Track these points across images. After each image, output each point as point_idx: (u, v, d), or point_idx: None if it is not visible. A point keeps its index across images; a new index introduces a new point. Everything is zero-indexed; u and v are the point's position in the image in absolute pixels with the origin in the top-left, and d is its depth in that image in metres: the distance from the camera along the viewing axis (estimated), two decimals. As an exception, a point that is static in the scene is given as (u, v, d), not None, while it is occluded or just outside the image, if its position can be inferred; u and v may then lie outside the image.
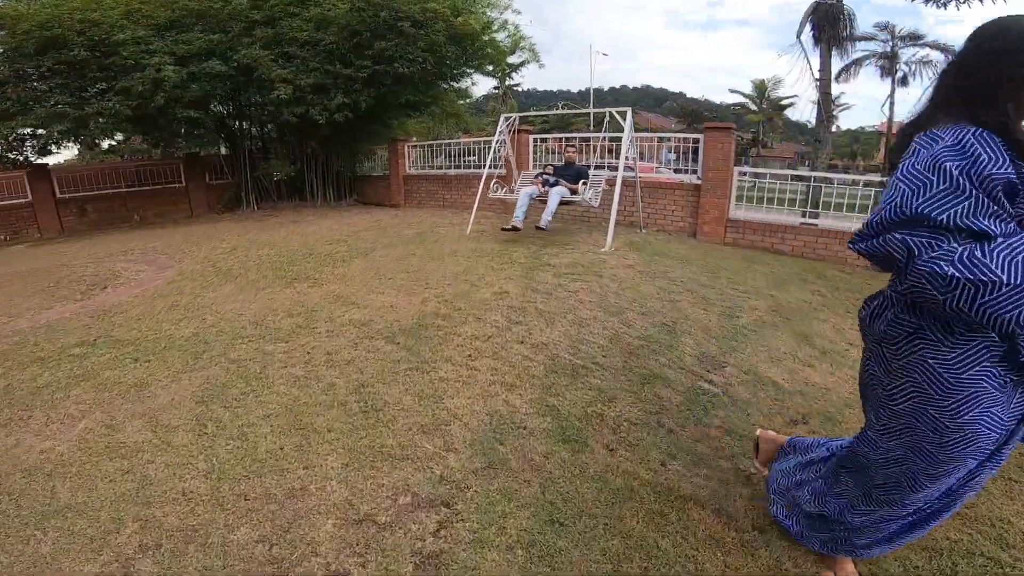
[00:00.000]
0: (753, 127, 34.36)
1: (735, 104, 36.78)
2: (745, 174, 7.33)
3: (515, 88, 38.93)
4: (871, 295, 1.49)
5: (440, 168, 10.87)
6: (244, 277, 5.42)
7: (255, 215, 11.39)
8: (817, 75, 9.26)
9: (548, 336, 3.52)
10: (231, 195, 12.45)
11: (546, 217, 6.40)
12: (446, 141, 10.93)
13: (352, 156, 12.85)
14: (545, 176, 7.02)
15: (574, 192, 6.65)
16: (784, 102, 35.63)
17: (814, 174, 7.97)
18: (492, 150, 7.42)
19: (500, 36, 12.56)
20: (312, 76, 9.77)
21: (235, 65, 9.56)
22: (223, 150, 13.09)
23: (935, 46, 20.77)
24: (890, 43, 21.51)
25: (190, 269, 6.10)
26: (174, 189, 12.42)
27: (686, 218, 7.64)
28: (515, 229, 6.48)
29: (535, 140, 9.17)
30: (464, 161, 10.64)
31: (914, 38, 21.06)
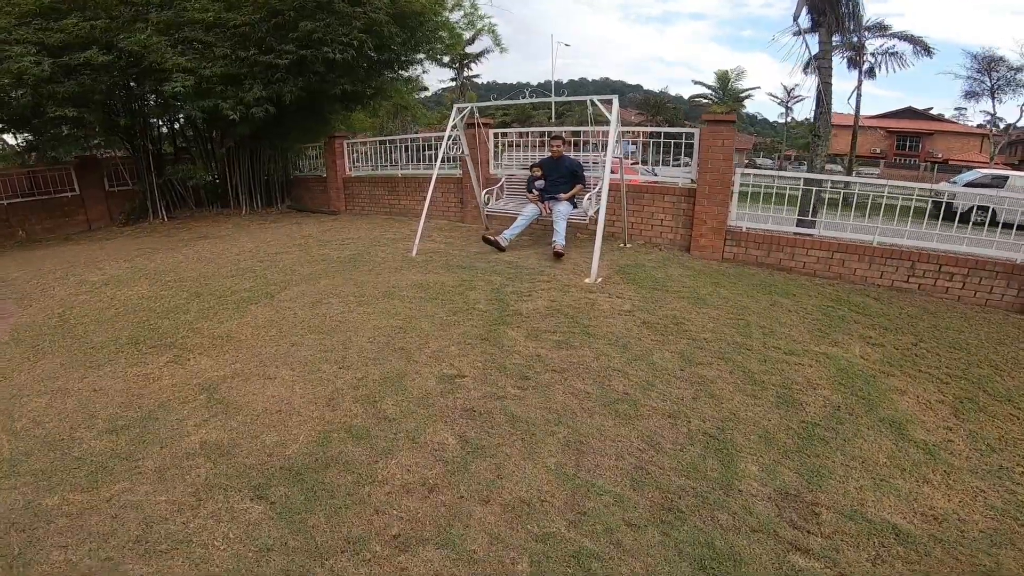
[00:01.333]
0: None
1: (698, 96, 36.05)
2: (749, 175, 6.10)
3: (474, 79, 37.20)
4: None
5: (386, 169, 9.30)
6: (87, 340, 3.81)
7: (162, 228, 9.54)
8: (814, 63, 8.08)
9: (531, 483, 2.13)
10: (135, 204, 10.53)
11: (559, 241, 5.55)
12: (392, 137, 9.33)
13: (284, 156, 11.10)
14: (534, 178, 5.85)
15: (575, 204, 5.72)
16: (743, 95, 35.23)
17: (831, 177, 6.83)
18: (444, 146, 5.96)
19: (455, 17, 11.03)
20: (220, 64, 8.04)
21: (120, 54, 7.74)
22: (123, 151, 11.10)
23: (903, 37, 20.31)
24: (856, 34, 20.99)
25: (29, 322, 4.42)
26: (67, 199, 10.38)
27: (678, 229, 6.37)
28: (498, 247, 5.55)
29: (496, 135, 7.74)
30: (417, 160, 9.11)
31: (881, 28, 20.55)
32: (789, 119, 40.96)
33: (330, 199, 10.14)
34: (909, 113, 38.78)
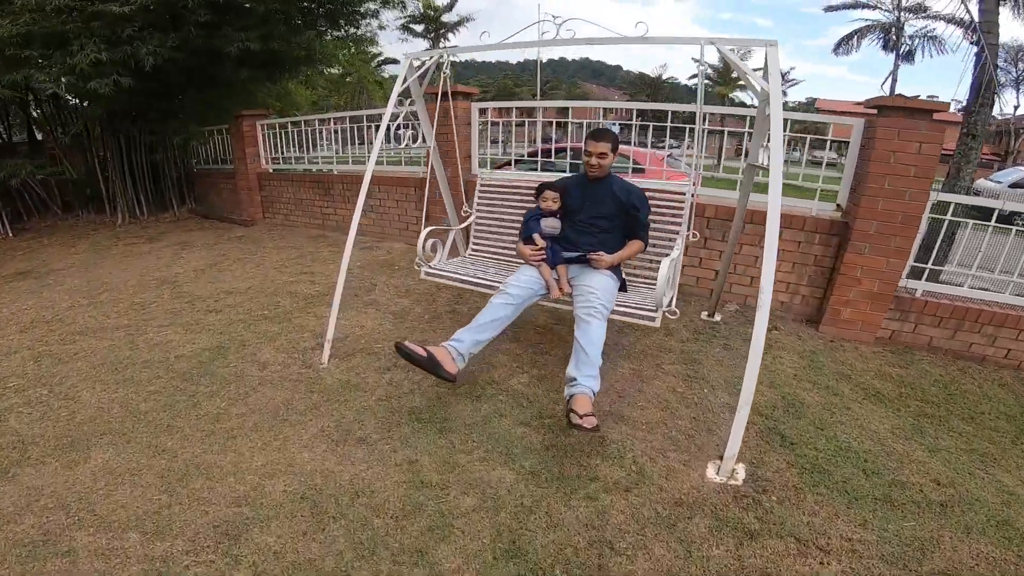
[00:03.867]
0: (718, 103, 30.99)
1: (695, 76, 32.84)
2: (949, 204, 3.39)
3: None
4: None
5: (318, 162, 6.33)
6: None
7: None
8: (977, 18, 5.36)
9: None
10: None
11: (586, 385, 2.22)
12: (323, 115, 6.32)
13: (184, 144, 7.98)
14: (537, 215, 2.85)
15: (621, 278, 2.84)
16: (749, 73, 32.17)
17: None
18: (382, 128, 3.04)
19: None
20: (25, 19, 4.98)
21: None
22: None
23: (947, 19, 17.80)
24: (894, 13, 18.53)
25: None
26: None
27: (799, 286, 3.69)
28: (438, 373, 2.31)
29: (485, 114, 4.83)
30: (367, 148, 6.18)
31: (919, 10, 18.06)
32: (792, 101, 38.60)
33: (240, 203, 7.14)
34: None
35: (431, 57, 3.01)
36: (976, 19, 5.30)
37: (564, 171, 4.34)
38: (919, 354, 3.39)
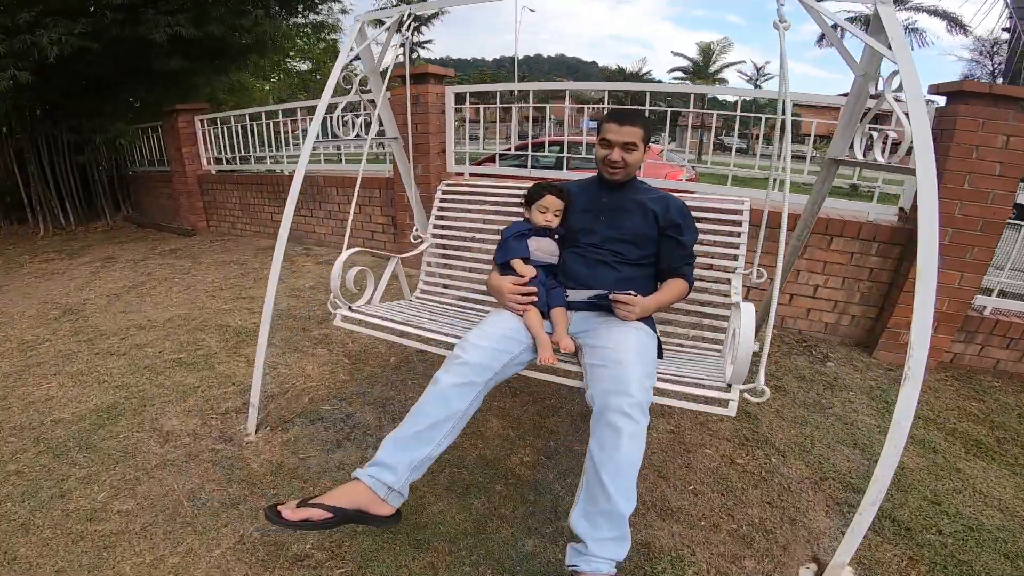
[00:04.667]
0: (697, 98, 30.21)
1: (676, 69, 32.47)
2: None
3: (425, 45, 32.49)
4: None
5: (266, 161, 5.49)
6: None
7: None
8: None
9: None
10: None
11: (607, 557, 1.23)
12: (270, 107, 5.44)
13: (110, 143, 6.99)
14: (521, 231, 1.84)
15: (652, 328, 1.76)
16: (729, 68, 32.00)
17: None
18: (318, 113, 2.22)
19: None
20: None
21: None
22: None
23: (934, 12, 17.70)
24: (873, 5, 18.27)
25: None
26: None
27: (849, 304, 3.06)
28: (386, 524, 1.33)
29: (458, 99, 4.06)
30: (332, 144, 5.36)
31: (900, 1, 17.88)
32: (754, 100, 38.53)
33: (180, 209, 6.23)
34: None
35: (391, 18, 2.25)
36: (1010, 4, 4.77)
37: (550, 167, 3.64)
38: (984, 379, 2.83)
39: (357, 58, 2.22)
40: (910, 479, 1.96)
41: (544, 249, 1.81)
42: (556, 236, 1.84)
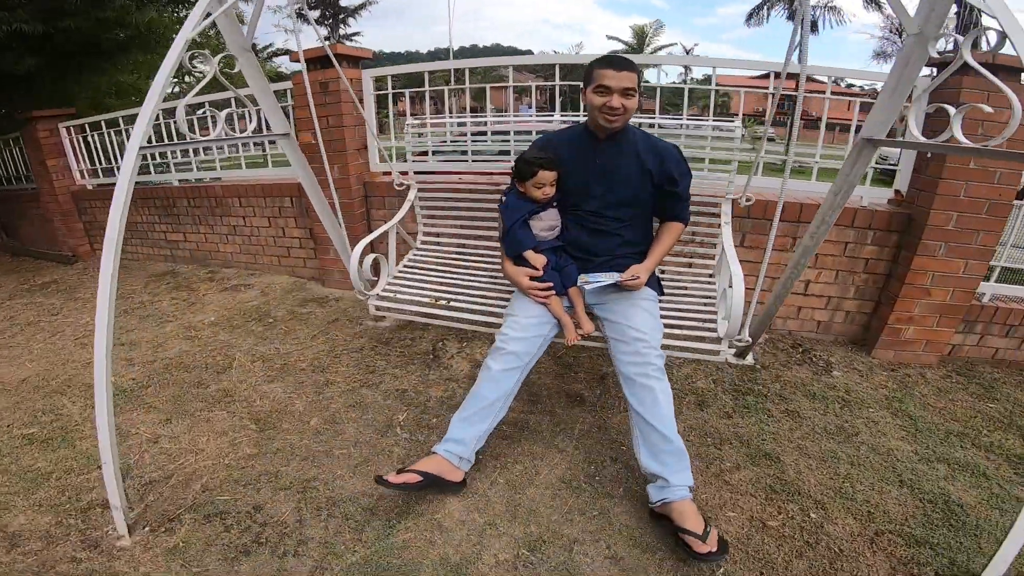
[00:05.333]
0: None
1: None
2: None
3: (353, 38, 30.54)
4: None
5: (150, 171, 4.61)
6: None
7: None
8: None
9: None
10: None
11: (675, 486, 1.53)
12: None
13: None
14: (521, 210, 1.85)
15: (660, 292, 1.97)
16: (663, 51, 32.22)
17: None
18: (146, 111, 1.52)
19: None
20: None
21: None
22: None
23: None
24: None
25: None
26: None
27: (843, 300, 2.74)
28: (456, 490, 1.70)
29: (379, 84, 3.39)
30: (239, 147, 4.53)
31: None
32: (689, 78, 39.45)
33: (55, 233, 5.24)
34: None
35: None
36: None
37: (493, 156, 3.11)
38: (984, 371, 2.58)
39: (215, 28, 1.60)
40: (970, 517, 1.60)
41: (547, 224, 1.86)
42: (554, 203, 1.87)
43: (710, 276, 2.21)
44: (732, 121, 2.21)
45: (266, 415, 2.16)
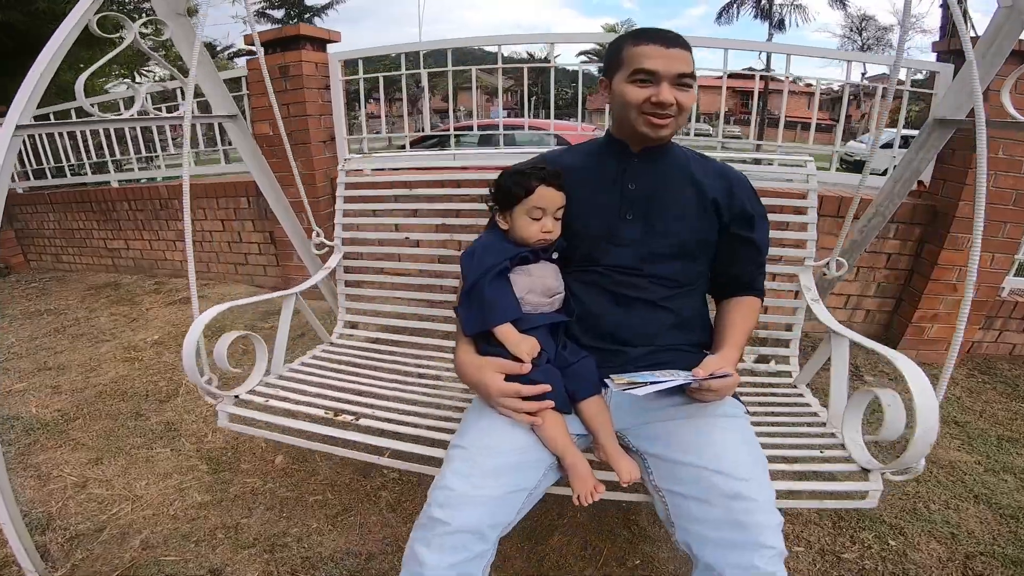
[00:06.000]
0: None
1: (583, 52, 31.81)
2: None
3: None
4: None
5: (85, 172, 4.14)
6: None
7: None
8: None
9: None
10: None
11: None
12: (98, 98, 4.12)
13: None
14: (523, 258, 1.01)
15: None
16: None
17: None
18: (26, 88, 1.34)
19: None
20: None
21: None
22: None
23: None
24: None
25: None
26: None
27: (863, 298, 2.58)
28: None
29: (348, 68, 3.04)
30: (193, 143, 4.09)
31: None
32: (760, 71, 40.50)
33: (-19, 243, 4.68)
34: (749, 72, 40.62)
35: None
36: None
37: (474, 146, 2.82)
38: (1004, 368, 2.43)
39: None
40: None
41: (541, 285, 1.01)
42: (555, 254, 1.05)
43: (792, 385, 1.49)
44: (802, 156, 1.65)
45: (219, 452, 1.80)
